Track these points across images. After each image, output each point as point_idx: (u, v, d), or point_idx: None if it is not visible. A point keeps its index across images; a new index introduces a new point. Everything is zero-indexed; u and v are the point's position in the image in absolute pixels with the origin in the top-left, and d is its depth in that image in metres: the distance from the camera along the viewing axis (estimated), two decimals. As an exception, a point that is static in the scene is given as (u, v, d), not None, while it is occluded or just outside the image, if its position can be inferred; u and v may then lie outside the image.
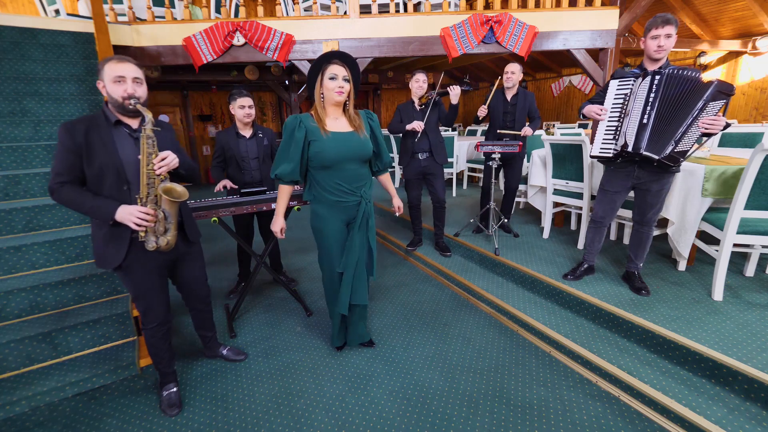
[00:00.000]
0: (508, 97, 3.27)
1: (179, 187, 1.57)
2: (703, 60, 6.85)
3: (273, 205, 2.37)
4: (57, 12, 4.19)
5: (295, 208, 2.41)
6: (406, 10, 4.53)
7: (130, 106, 1.52)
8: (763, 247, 2.36)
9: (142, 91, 1.57)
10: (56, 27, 3.45)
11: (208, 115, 9.65)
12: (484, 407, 1.78)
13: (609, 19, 4.12)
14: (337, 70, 1.77)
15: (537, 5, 4.29)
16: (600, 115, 2.18)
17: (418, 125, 3.00)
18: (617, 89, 2.16)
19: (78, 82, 3.20)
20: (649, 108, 1.99)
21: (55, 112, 3.01)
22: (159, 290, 1.74)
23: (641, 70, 2.08)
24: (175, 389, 1.89)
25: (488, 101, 3.25)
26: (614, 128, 2.14)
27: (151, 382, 2.03)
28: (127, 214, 1.49)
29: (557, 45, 4.19)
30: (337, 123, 1.86)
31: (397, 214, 2.16)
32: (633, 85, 2.07)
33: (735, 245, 2.14)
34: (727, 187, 2.28)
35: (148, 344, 1.81)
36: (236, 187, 2.57)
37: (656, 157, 1.98)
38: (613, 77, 2.21)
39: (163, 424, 1.76)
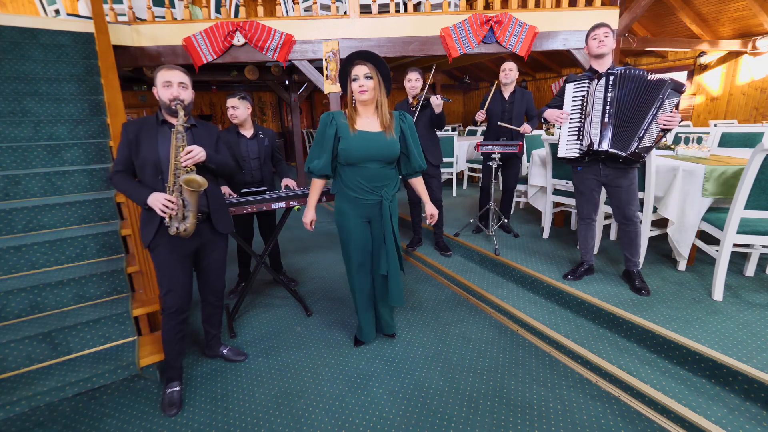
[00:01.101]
0: (506, 95, 3.29)
1: (199, 179, 1.68)
2: (703, 60, 6.85)
3: (273, 205, 2.37)
4: (57, 12, 4.19)
5: (295, 208, 2.41)
6: (406, 10, 4.53)
7: (174, 107, 1.71)
8: (763, 247, 2.36)
9: (186, 94, 1.76)
10: (56, 27, 3.45)
11: (208, 115, 9.65)
12: (484, 407, 1.78)
13: (609, 19, 4.11)
14: (357, 70, 1.81)
15: (537, 5, 4.29)
16: (561, 120, 2.27)
17: None
18: (574, 92, 2.25)
19: (78, 82, 3.20)
20: (608, 107, 2.10)
21: (55, 112, 3.01)
22: (182, 275, 1.83)
23: (592, 72, 2.19)
24: (178, 388, 1.90)
25: (486, 105, 3.26)
26: (577, 129, 2.24)
27: (151, 381, 2.03)
28: (155, 200, 1.66)
29: (557, 45, 4.19)
30: (367, 122, 1.90)
31: (429, 221, 2.14)
32: (589, 86, 2.17)
33: (735, 245, 2.14)
34: (727, 187, 2.28)
35: (163, 331, 1.86)
36: (235, 195, 2.56)
37: (623, 154, 2.08)
38: (567, 81, 2.30)
39: (163, 424, 1.76)
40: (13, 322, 2.02)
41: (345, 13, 4.21)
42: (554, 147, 3.06)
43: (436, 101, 2.84)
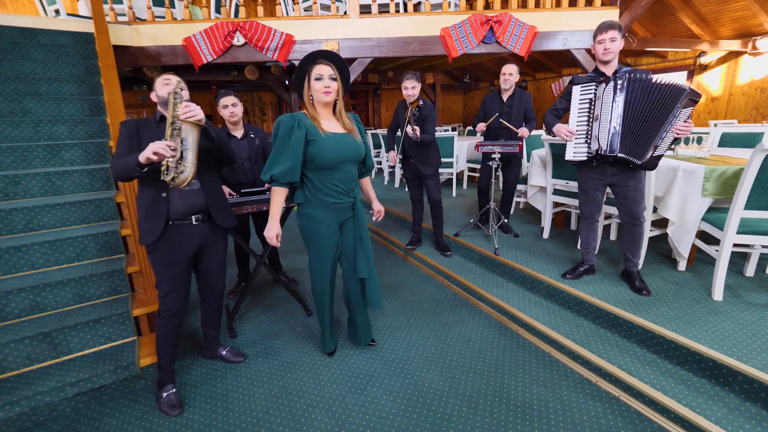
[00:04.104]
0: (505, 98, 3.29)
1: (199, 112, 1.67)
2: (703, 60, 6.85)
3: (273, 205, 2.36)
4: (57, 12, 4.20)
5: (295, 207, 2.40)
6: (406, 10, 4.53)
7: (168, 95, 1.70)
8: (763, 247, 2.36)
9: (185, 94, 1.73)
10: (56, 27, 3.45)
11: (208, 115, 9.63)
12: (484, 407, 1.78)
13: (611, 20, 4.12)
14: (322, 69, 1.74)
15: (537, 5, 4.30)
16: (569, 138, 2.25)
17: (392, 157, 3.11)
18: (581, 94, 2.23)
19: (78, 82, 3.20)
20: (616, 111, 2.07)
21: (55, 112, 3.01)
22: (181, 277, 1.83)
23: (597, 74, 2.17)
24: (173, 390, 1.89)
25: (489, 121, 3.29)
26: (585, 132, 2.22)
27: (151, 382, 2.03)
28: (151, 148, 1.56)
29: (557, 45, 4.19)
30: (330, 124, 1.83)
31: (375, 218, 2.16)
32: (596, 89, 2.14)
33: (735, 245, 2.14)
34: (727, 187, 2.28)
35: (158, 335, 1.85)
36: (234, 194, 2.56)
37: (639, 162, 2.07)
38: (572, 83, 2.27)
39: (163, 424, 1.76)
40: (13, 322, 2.02)
41: (345, 13, 4.21)
42: (554, 147, 3.06)
43: (411, 133, 2.91)
